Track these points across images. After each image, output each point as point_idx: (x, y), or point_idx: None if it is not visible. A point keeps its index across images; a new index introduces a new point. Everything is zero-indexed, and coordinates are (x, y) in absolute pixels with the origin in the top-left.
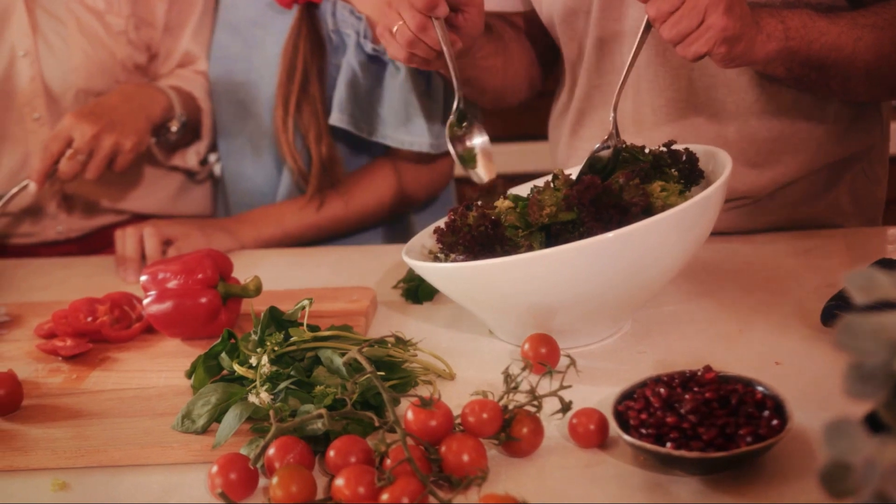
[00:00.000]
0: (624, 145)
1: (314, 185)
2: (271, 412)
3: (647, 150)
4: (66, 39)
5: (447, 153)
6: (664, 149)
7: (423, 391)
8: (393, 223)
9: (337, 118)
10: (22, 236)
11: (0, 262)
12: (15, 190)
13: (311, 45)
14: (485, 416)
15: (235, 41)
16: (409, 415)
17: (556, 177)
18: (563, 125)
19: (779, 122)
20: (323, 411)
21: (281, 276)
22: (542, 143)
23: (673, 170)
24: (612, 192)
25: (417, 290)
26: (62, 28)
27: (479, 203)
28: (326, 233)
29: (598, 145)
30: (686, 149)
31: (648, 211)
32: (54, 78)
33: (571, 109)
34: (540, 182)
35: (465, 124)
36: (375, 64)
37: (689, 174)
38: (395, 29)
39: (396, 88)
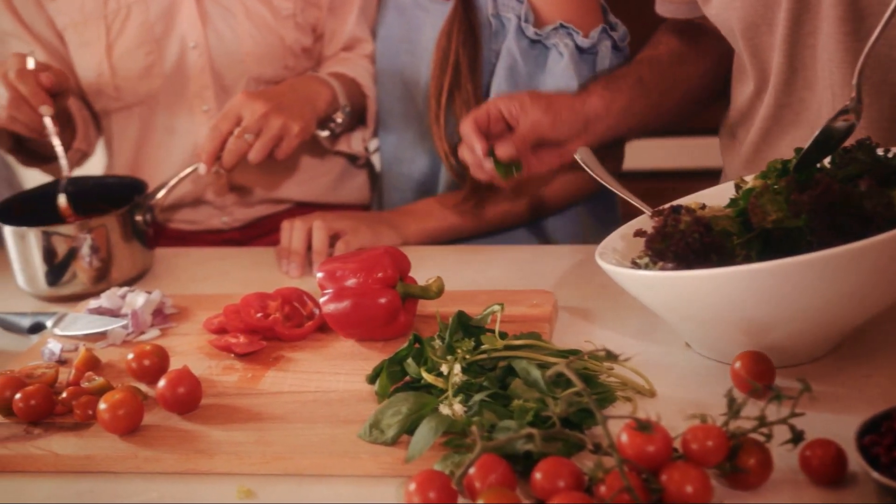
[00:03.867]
0: (868, 140)
1: (469, 185)
2: (474, 428)
3: (892, 154)
4: (234, 28)
5: None
6: None
7: (622, 409)
8: None
9: None
10: (185, 223)
11: (160, 251)
12: (184, 173)
13: (465, 36)
14: (709, 443)
15: (400, 22)
16: (624, 437)
17: (763, 175)
18: (742, 139)
19: None
20: (533, 431)
21: (450, 275)
22: (698, 140)
23: None
24: (853, 200)
25: None
26: (231, 17)
27: (688, 206)
28: (494, 227)
29: (838, 111)
30: None
31: (892, 222)
32: (224, 67)
33: (755, 127)
34: (706, 195)
35: None
36: (536, 49)
37: None
38: None
39: (559, 75)
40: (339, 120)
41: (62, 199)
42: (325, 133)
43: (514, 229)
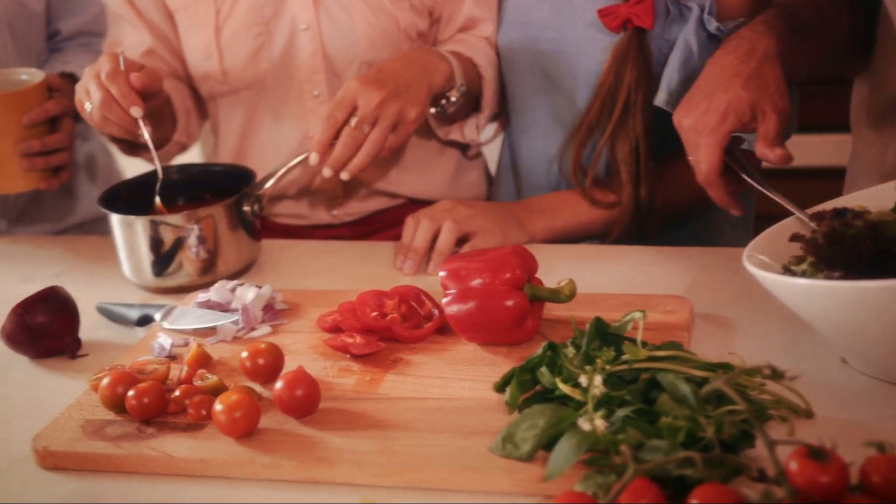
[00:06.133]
0: None
1: (618, 229)
2: (623, 448)
3: None
4: (348, 10)
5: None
6: None
7: (776, 430)
8: None
9: (663, 99)
10: (292, 217)
11: (266, 243)
12: (293, 162)
13: (639, 73)
14: (894, 477)
15: (542, 6)
16: (793, 465)
17: None
18: (890, 135)
19: None
20: (694, 455)
21: (571, 275)
22: (834, 136)
23: None
24: None
25: None
26: None
27: (854, 210)
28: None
29: None
30: None
31: None
32: (336, 51)
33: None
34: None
35: None
36: (713, 43)
37: None
38: None
39: None
40: (454, 98)
41: (158, 201)
42: (434, 109)
43: None
